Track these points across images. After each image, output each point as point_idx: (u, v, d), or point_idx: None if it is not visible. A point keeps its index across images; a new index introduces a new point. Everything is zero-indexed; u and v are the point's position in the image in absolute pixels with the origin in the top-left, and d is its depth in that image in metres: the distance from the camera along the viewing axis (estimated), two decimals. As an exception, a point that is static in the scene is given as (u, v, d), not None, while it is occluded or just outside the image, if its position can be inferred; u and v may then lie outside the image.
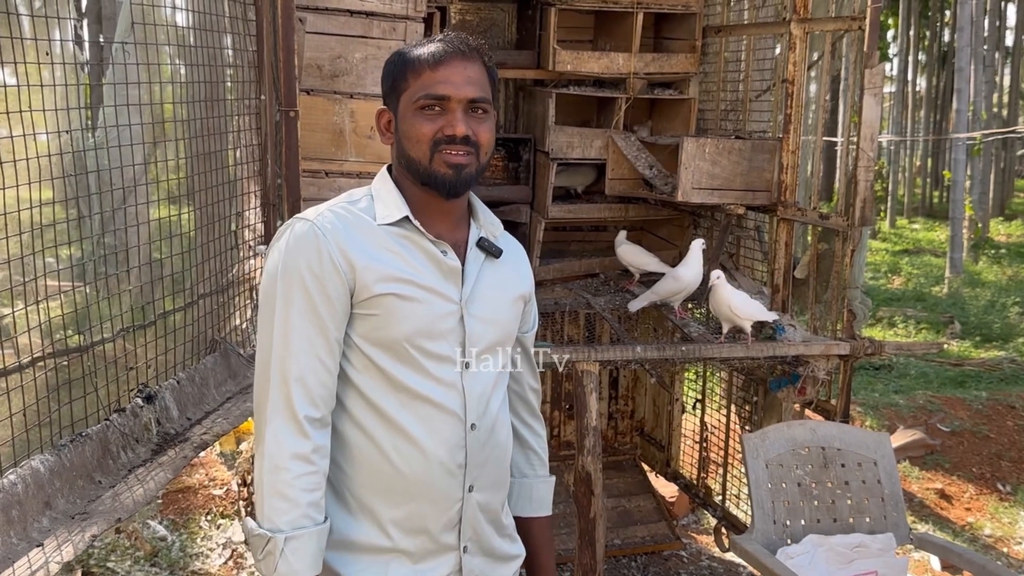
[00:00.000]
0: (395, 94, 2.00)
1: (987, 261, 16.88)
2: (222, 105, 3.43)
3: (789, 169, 4.59)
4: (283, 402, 1.87)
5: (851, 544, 3.64)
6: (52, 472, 2.45)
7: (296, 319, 1.88)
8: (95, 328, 2.73)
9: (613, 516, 5.40)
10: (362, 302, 1.91)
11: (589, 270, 5.45)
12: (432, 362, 1.95)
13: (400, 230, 1.97)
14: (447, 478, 1.97)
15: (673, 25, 5.34)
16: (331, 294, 1.89)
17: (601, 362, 4.14)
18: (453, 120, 1.93)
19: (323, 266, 1.88)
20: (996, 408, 7.64)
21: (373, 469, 1.95)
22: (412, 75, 1.96)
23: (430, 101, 1.93)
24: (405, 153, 1.98)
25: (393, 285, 1.92)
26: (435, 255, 1.98)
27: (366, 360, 1.93)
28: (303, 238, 1.90)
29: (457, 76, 1.94)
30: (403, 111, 1.97)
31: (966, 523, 6.10)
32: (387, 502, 1.95)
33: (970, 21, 15.39)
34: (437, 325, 1.96)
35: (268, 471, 1.85)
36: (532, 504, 2.29)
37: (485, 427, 2.03)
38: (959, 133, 15.35)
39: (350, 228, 1.93)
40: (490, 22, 5.38)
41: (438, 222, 2.01)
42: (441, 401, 1.96)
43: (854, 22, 4.24)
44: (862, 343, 4.32)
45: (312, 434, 1.87)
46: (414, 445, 1.94)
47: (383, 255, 1.93)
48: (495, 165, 5.45)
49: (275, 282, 1.91)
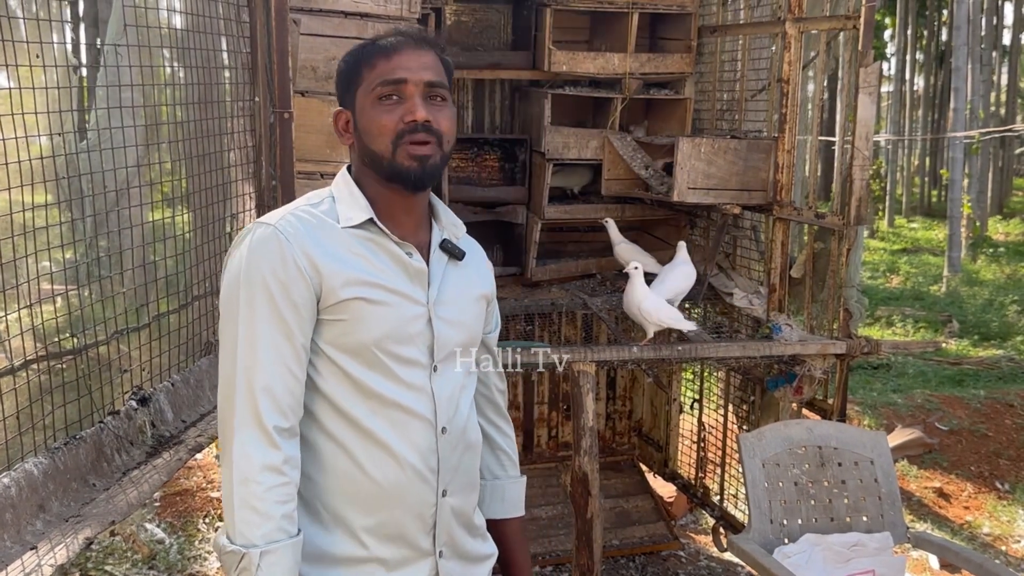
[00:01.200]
0: (351, 91, 1.97)
1: (985, 260, 16.90)
2: (216, 107, 3.42)
3: (785, 168, 4.59)
4: (250, 413, 1.81)
5: (848, 543, 3.63)
6: (46, 475, 2.44)
7: (261, 327, 1.83)
8: (89, 331, 2.73)
9: (611, 516, 5.40)
10: (329, 307, 1.87)
11: (586, 270, 5.45)
12: (401, 366, 1.92)
13: (364, 232, 1.93)
14: (420, 484, 1.94)
15: (668, 25, 5.34)
16: (297, 300, 1.84)
17: (598, 362, 4.13)
18: (412, 106, 1.89)
19: (288, 271, 1.83)
20: (994, 407, 7.64)
21: (345, 478, 1.91)
22: (366, 68, 1.93)
23: (387, 89, 1.90)
24: (367, 149, 1.94)
25: (360, 289, 1.88)
26: (401, 257, 1.94)
27: (334, 367, 1.89)
28: (266, 243, 1.85)
29: (412, 62, 1.92)
30: (361, 106, 1.94)
31: (964, 522, 6.10)
32: (361, 511, 1.91)
33: (967, 20, 15.41)
34: (406, 328, 1.93)
35: (238, 484, 1.80)
36: (505, 505, 2.27)
37: (456, 430, 2.00)
38: (957, 132, 15.37)
39: (314, 232, 1.89)
40: (485, 23, 5.38)
41: (402, 223, 1.98)
42: (411, 406, 1.92)
43: (848, 21, 4.24)
44: (858, 342, 4.32)
45: (282, 445, 1.82)
46: (386, 451, 1.90)
47: (349, 258, 1.89)
48: (491, 166, 5.45)
49: (237, 289, 1.85)
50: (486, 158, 5.46)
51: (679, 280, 4.52)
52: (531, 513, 5.38)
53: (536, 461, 5.85)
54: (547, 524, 5.33)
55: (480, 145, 5.44)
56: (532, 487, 5.59)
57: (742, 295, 4.86)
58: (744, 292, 4.87)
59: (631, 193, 5.12)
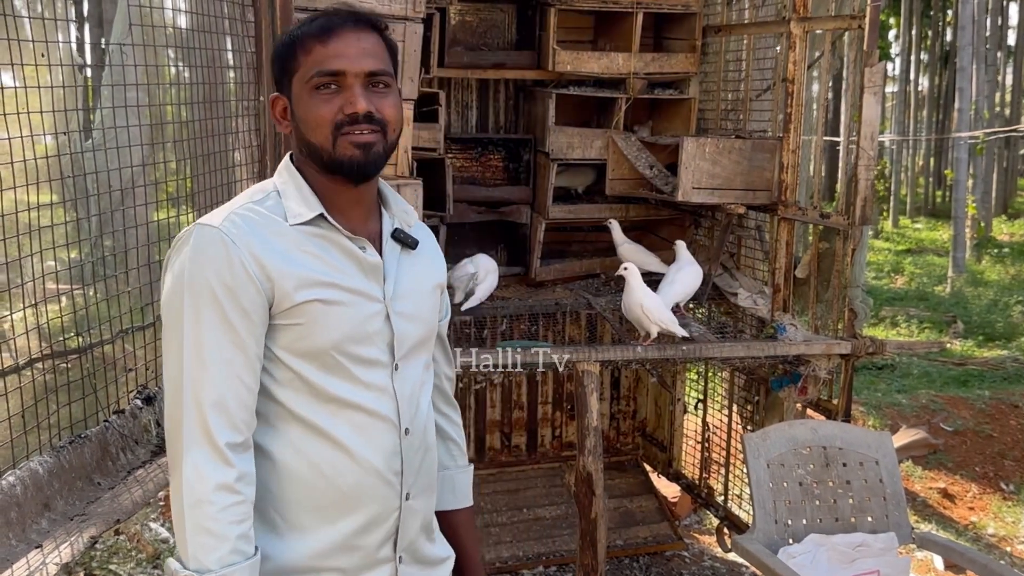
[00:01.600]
0: (286, 77, 1.83)
1: (990, 260, 16.87)
2: (221, 106, 3.43)
3: (790, 168, 4.59)
4: (200, 429, 1.70)
5: (853, 543, 3.63)
6: (51, 474, 2.45)
7: (209, 337, 1.71)
8: (93, 330, 2.74)
9: (615, 517, 5.40)
10: (283, 312, 1.76)
11: (590, 270, 5.44)
12: (361, 368, 1.83)
13: (315, 229, 1.82)
14: (384, 488, 1.86)
15: (673, 25, 5.33)
16: (247, 306, 1.73)
17: (602, 362, 4.13)
18: (352, 97, 1.78)
19: (235, 276, 1.72)
20: (999, 407, 7.62)
21: (305, 486, 1.82)
22: (302, 53, 1.80)
23: (324, 79, 1.77)
24: (306, 140, 1.82)
25: (315, 291, 1.77)
26: (354, 252, 1.84)
27: (290, 373, 1.79)
28: (210, 246, 1.73)
29: (351, 48, 1.78)
30: (297, 94, 1.81)
31: (969, 522, 6.10)
32: (320, 519, 1.83)
33: (972, 20, 15.40)
34: (365, 328, 1.83)
35: (190, 506, 1.69)
36: (455, 496, 2.19)
37: (418, 430, 1.93)
38: (961, 132, 15.35)
39: (261, 231, 1.77)
40: (490, 23, 5.38)
41: (350, 214, 1.87)
42: (374, 407, 1.84)
43: (854, 20, 4.24)
44: (863, 342, 4.32)
45: (235, 461, 1.72)
46: (348, 456, 1.82)
47: (301, 258, 1.78)
48: (495, 166, 5.45)
49: (180, 297, 1.73)
50: (490, 158, 5.46)
51: (686, 281, 4.52)
52: (535, 513, 5.38)
53: (540, 461, 5.85)
54: (551, 524, 5.32)
55: (484, 145, 5.44)
56: (536, 487, 5.64)
57: (746, 295, 4.85)
58: (748, 292, 4.87)
59: (635, 193, 5.11)
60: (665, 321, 4.16)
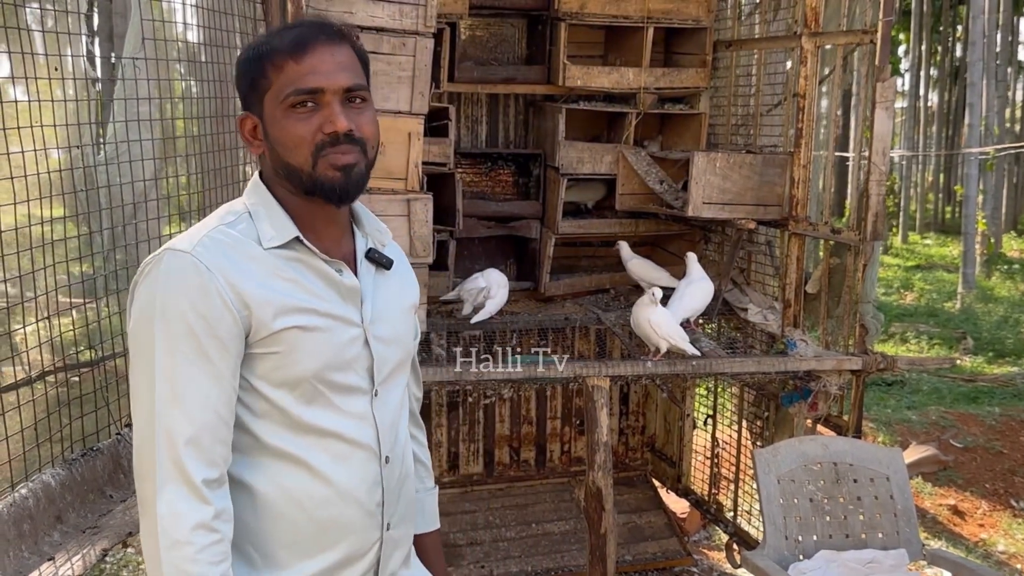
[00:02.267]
0: (256, 94, 1.74)
1: (1000, 276, 16.82)
2: (232, 121, 3.44)
3: (800, 183, 4.59)
4: (174, 467, 1.62)
5: (863, 560, 3.62)
6: (63, 486, 2.45)
7: (183, 370, 1.63)
8: (106, 343, 2.74)
9: (624, 532, 5.38)
10: (260, 340, 1.68)
11: (600, 285, 5.45)
12: (341, 396, 1.77)
13: (290, 252, 1.74)
14: (366, 519, 1.80)
15: (683, 40, 5.34)
16: (223, 337, 1.64)
17: (612, 377, 4.13)
18: (331, 115, 1.70)
19: (211, 305, 1.63)
20: (1009, 424, 7.60)
21: (284, 519, 1.74)
22: (273, 70, 1.71)
23: (301, 97, 1.69)
24: (282, 161, 1.73)
25: (294, 317, 1.70)
26: (331, 276, 1.77)
27: (267, 403, 1.72)
28: (182, 273, 1.64)
29: (326, 64, 1.70)
30: (270, 114, 1.72)
31: (979, 539, 6.07)
32: (302, 554, 1.76)
33: (982, 36, 15.38)
34: (343, 354, 1.76)
35: (166, 548, 1.60)
36: (425, 518, 2.15)
37: (397, 458, 1.87)
38: (971, 148, 15.32)
39: (234, 256, 1.68)
40: (500, 37, 5.40)
41: (325, 235, 1.80)
42: (355, 436, 1.78)
43: (865, 36, 4.24)
44: (874, 358, 4.31)
45: (212, 499, 1.64)
46: (329, 487, 1.75)
47: (277, 284, 1.71)
48: (505, 181, 5.46)
49: (151, 326, 1.64)
50: (500, 173, 5.47)
51: (697, 296, 4.51)
52: (543, 528, 5.37)
53: (549, 476, 5.84)
54: (560, 539, 5.31)
55: (494, 160, 5.45)
56: (545, 502, 5.63)
57: (757, 310, 4.85)
58: (759, 307, 4.86)
59: (645, 208, 5.11)
60: (673, 336, 4.15)
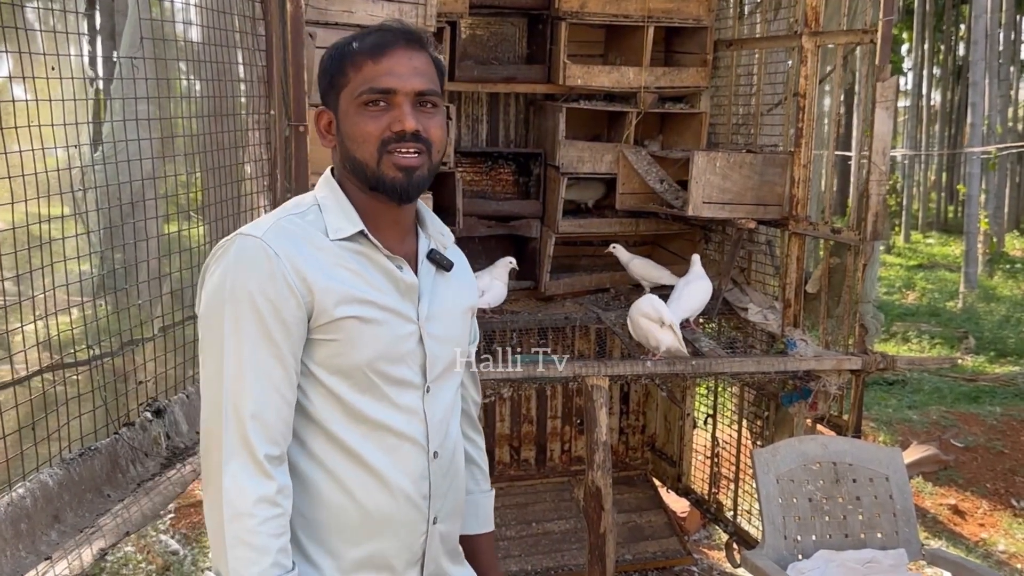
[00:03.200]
0: (334, 91, 1.83)
1: (1002, 276, 16.80)
2: (231, 120, 3.44)
3: (801, 183, 4.58)
4: (240, 441, 1.69)
5: (862, 560, 3.62)
6: (61, 486, 2.45)
7: (249, 348, 1.69)
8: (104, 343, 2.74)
9: (624, 531, 5.38)
10: (320, 327, 1.75)
11: (600, 285, 5.44)
12: (393, 388, 1.82)
13: (355, 245, 1.81)
14: (412, 511, 1.85)
15: (684, 39, 5.34)
16: (287, 319, 1.71)
17: (611, 377, 4.13)
18: (401, 115, 1.76)
19: (277, 288, 1.70)
20: (1010, 423, 7.59)
21: (333, 507, 1.80)
22: (352, 69, 1.79)
23: (374, 96, 1.77)
24: (350, 155, 1.81)
25: (354, 307, 1.76)
26: (392, 272, 1.83)
27: (323, 389, 1.78)
28: (252, 257, 1.71)
29: (402, 67, 1.78)
30: (344, 109, 1.80)
31: (980, 539, 6.06)
32: (348, 542, 1.81)
33: (985, 35, 15.36)
34: (398, 348, 1.82)
35: (230, 519, 1.67)
36: (478, 521, 2.18)
37: (446, 454, 1.92)
38: (974, 147, 15.30)
39: (303, 245, 1.76)
40: (500, 36, 5.39)
41: (389, 233, 1.86)
42: (404, 430, 1.83)
43: (866, 35, 4.24)
44: (874, 358, 4.30)
45: (275, 474, 1.70)
46: (378, 479, 1.80)
47: (340, 274, 1.77)
48: (505, 180, 5.46)
49: (221, 307, 1.71)
50: (500, 172, 5.47)
51: (695, 296, 4.50)
52: (543, 527, 5.37)
53: (549, 475, 5.84)
54: (560, 538, 5.31)
55: (494, 159, 5.45)
56: (545, 501, 5.63)
57: (757, 310, 4.85)
58: (759, 307, 4.86)
59: (646, 207, 5.11)
60: (664, 339, 4.13)
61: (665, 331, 4.11)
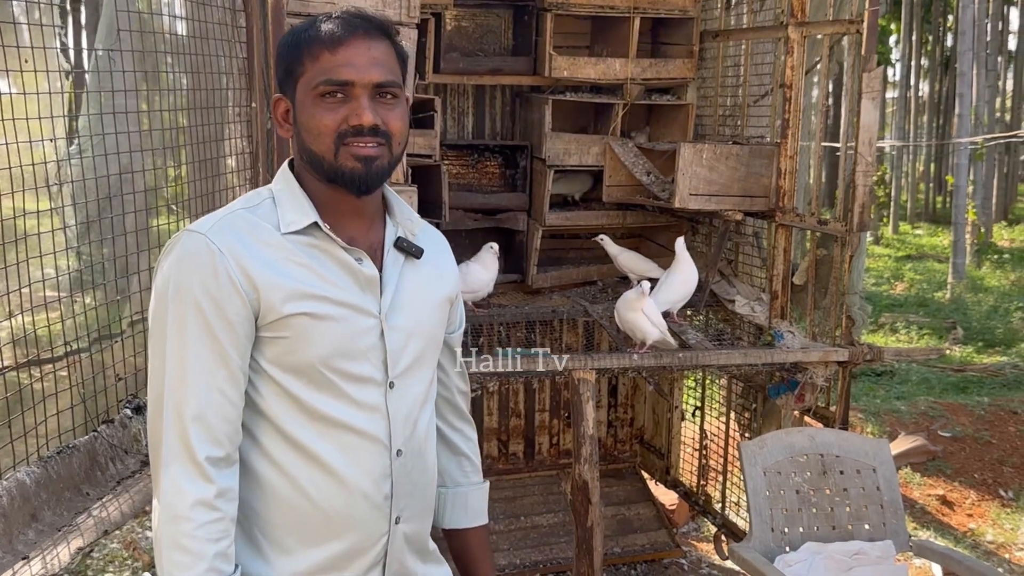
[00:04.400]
0: (291, 79, 1.77)
1: (990, 266, 16.86)
2: (211, 113, 3.41)
3: (787, 174, 4.56)
4: (180, 444, 1.65)
5: (850, 551, 3.61)
6: (38, 484, 2.43)
7: (192, 348, 1.66)
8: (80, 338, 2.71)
9: (613, 524, 5.38)
10: (268, 324, 1.70)
11: (587, 277, 5.43)
12: (352, 385, 1.77)
13: (308, 238, 1.76)
14: (372, 511, 1.80)
15: (670, 30, 5.32)
16: (231, 318, 1.67)
17: (598, 370, 4.11)
18: (358, 108, 1.72)
19: (220, 286, 1.66)
20: (998, 414, 7.60)
21: (289, 507, 1.76)
22: (308, 58, 1.74)
23: (331, 88, 1.72)
24: (307, 148, 1.76)
25: (304, 303, 1.71)
26: (349, 264, 1.78)
27: (276, 387, 1.73)
28: (195, 254, 1.68)
29: (360, 58, 1.73)
30: (301, 100, 1.75)
31: (968, 529, 6.07)
32: (305, 542, 1.77)
33: (972, 25, 15.39)
34: (356, 343, 1.76)
35: (166, 522, 1.64)
36: (468, 514, 2.13)
37: (412, 452, 1.86)
38: (962, 138, 15.33)
39: (248, 240, 1.71)
40: (486, 28, 5.36)
41: (350, 224, 1.81)
42: (363, 427, 1.77)
43: (852, 25, 4.22)
44: (861, 349, 4.29)
45: (215, 477, 1.66)
46: (334, 478, 1.76)
47: (290, 269, 1.72)
48: (491, 173, 5.43)
49: (165, 305, 1.68)
50: (487, 164, 5.44)
51: (675, 287, 4.48)
52: (532, 520, 5.36)
53: (537, 469, 5.83)
54: (548, 532, 5.30)
55: (480, 151, 5.42)
56: (533, 495, 5.62)
57: (744, 302, 4.83)
58: (746, 299, 4.84)
59: (632, 200, 5.09)
60: (648, 331, 4.11)
61: (650, 323, 4.10)
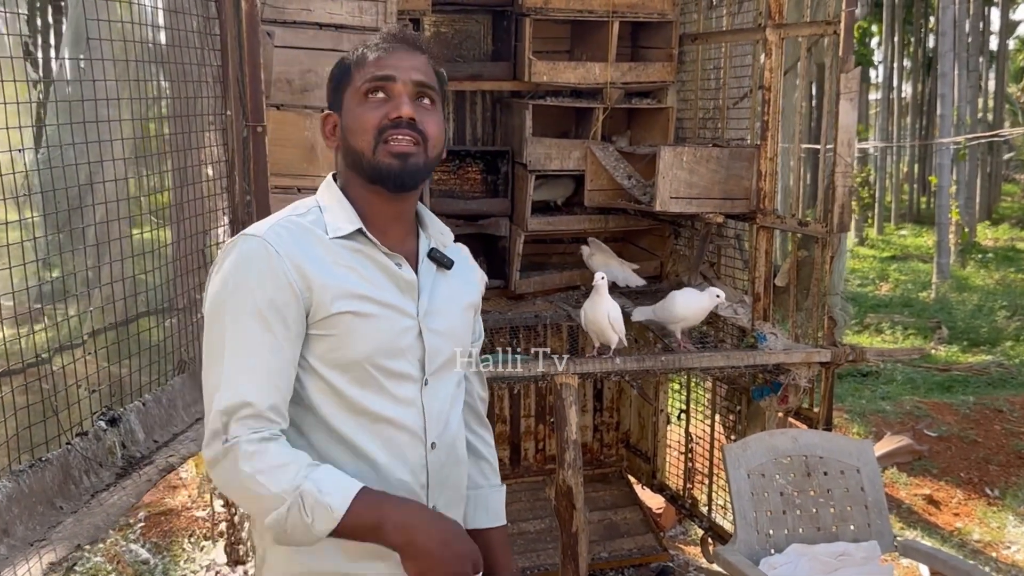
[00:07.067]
0: (339, 93, 1.93)
1: (974, 266, 16.92)
2: (186, 121, 3.38)
3: (767, 176, 4.56)
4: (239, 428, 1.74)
5: (835, 553, 3.60)
6: (10, 499, 2.40)
7: (249, 342, 1.77)
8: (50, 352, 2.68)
9: (600, 529, 5.36)
10: (318, 322, 1.81)
11: (570, 282, 5.41)
12: (392, 381, 1.88)
13: (353, 243, 1.88)
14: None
15: (649, 34, 5.31)
16: (287, 316, 1.79)
17: (581, 375, 4.09)
18: (398, 103, 1.86)
19: (278, 285, 1.78)
20: (983, 412, 7.61)
21: None
22: (356, 69, 1.90)
23: (375, 84, 1.87)
24: (350, 148, 1.89)
25: (351, 302, 1.82)
26: (391, 268, 1.90)
27: (322, 382, 1.84)
28: (254, 255, 1.79)
29: (403, 62, 1.89)
30: (347, 106, 1.90)
31: (954, 528, 6.07)
32: None
33: (953, 26, 15.45)
34: (396, 342, 1.88)
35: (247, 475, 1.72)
36: (488, 515, 2.22)
37: (445, 445, 1.97)
38: (944, 138, 15.38)
39: (302, 243, 1.83)
40: (465, 34, 5.35)
41: (389, 231, 1.93)
42: (401, 421, 1.88)
43: (829, 26, 4.22)
44: (843, 350, 4.29)
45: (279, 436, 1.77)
46: (376, 468, 1.86)
47: (338, 271, 1.84)
48: (473, 178, 5.42)
49: (223, 304, 1.79)
50: (468, 170, 5.43)
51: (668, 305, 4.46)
52: (518, 527, 5.33)
53: (523, 475, 5.81)
54: (534, 538, 5.28)
55: (462, 157, 5.40)
56: (519, 501, 5.59)
57: (727, 304, 4.82)
58: (729, 301, 4.83)
59: (614, 204, 5.08)
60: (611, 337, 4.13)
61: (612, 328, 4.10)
